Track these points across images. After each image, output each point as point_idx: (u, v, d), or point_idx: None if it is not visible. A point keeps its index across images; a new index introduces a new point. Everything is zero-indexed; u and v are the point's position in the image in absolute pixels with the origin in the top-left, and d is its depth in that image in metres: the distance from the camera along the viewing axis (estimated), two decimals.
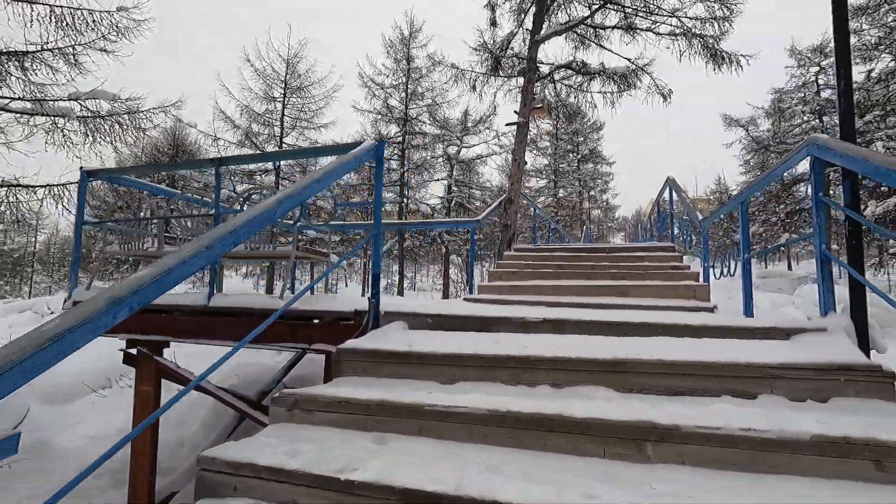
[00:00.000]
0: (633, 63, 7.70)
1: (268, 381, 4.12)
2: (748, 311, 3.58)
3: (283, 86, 12.10)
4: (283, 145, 11.96)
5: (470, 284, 5.80)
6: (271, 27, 11.07)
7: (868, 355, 2.17)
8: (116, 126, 5.76)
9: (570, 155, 26.45)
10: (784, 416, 1.56)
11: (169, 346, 3.80)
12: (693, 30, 6.56)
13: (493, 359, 2.15)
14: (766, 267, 20.04)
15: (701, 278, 5.00)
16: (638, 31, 7.02)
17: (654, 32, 6.94)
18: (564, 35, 8.21)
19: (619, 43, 7.51)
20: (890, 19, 13.02)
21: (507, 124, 6.63)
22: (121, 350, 3.67)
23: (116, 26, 5.70)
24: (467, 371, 2.18)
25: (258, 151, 11.43)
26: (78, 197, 3.61)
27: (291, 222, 3.61)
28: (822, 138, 2.35)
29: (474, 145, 16.81)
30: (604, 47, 7.74)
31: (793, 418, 1.53)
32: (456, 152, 16.73)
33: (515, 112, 6.91)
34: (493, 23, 8.11)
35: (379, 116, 15.24)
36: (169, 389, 3.83)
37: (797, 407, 1.71)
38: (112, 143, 5.88)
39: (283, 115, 12.17)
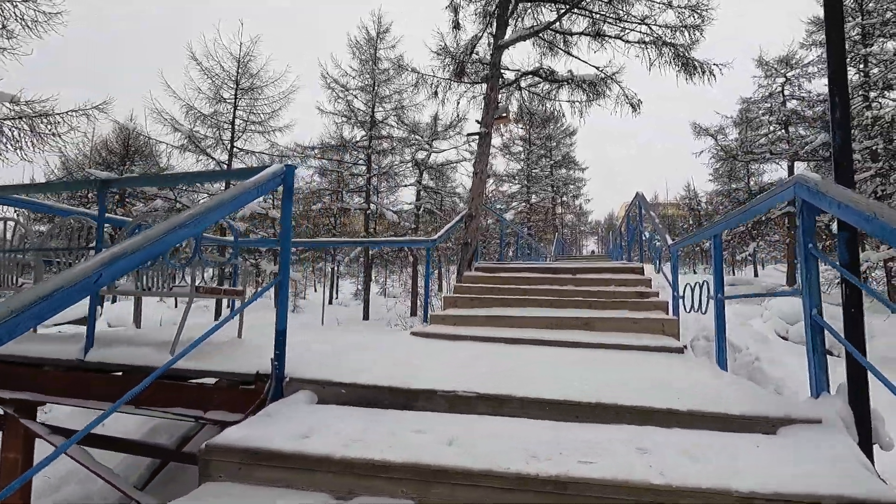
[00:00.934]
0: (601, 71, 7.35)
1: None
2: (721, 360, 3.18)
3: (234, 86, 11.31)
4: (235, 149, 11.18)
5: (425, 309, 5.29)
6: (220, 22, 10.28)
7: (871, 453, 1.77)
8: (23, 131, 5.01)
9: (544, 160, 26.28)
10: None
11: (45, 405, 3.17)
12: (664, 38, 6.22)
13: (401, 468, 1.64)
14: (732, 273, 20.24)
15: (670, 309, 4.62)
16: (606, 38, 6.66)
17: (623, 40, 6.59)
18: (531, 41, 7.80)
19: (587, 50, 7.16)
20: (854, 33, 13.16)
21: (468, 135, 6.14)
22: None
23: (22, 18, 4.96)
24: (370, 482, 1.67)
25: (204, 156, 10.68)
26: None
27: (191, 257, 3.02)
28: (811, 178, 1.93)
29: (444, 150, 16.35)
30: (571, 54, 7.36)
31: None
32: (425, 157, 16.23)
33: (477, 121, 6.45)
34: (457, 25, 7.64)
35: (344, 119, 14.59)
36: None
37: None
38: (18, 151, 5.11)
39: (234, 116, 11.37)
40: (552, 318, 4.43)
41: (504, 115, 6.60)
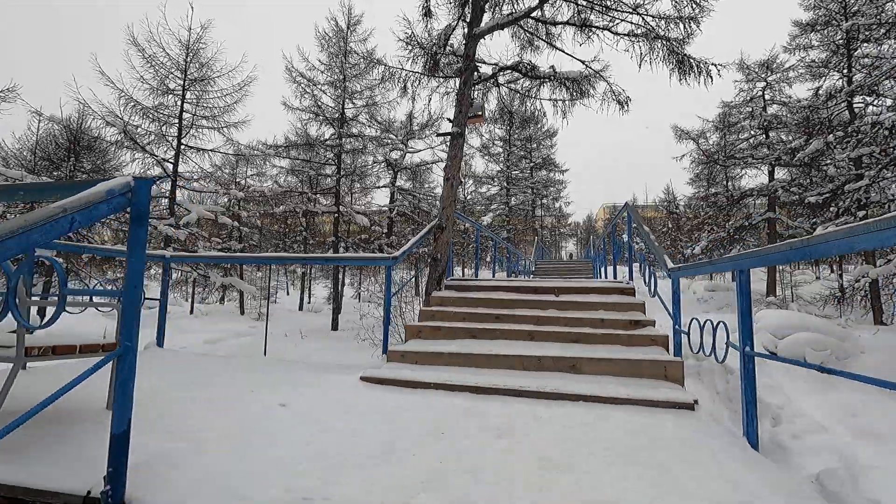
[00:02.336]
0: (588, 67, 6.65)
1: None
2: (751, 434, 2.46)
3: (181, 76, 10.20)
4: (183, 146, 10.10)
5: (384, 343, 4.48)
6: (166, 4, 9.08)
7: None
8: None
9: (524, 161, 25.69)
10: None
11: None
12: (657, 30, 5.55)
13: None
14: (710, 279, 19.96)
15: (671, 346, 3.93)
16: (593, 29, 5.95)
17: (612, 32, 5.89)
18: (510, 32, 7.05)
19: (572, 43, 6.44)
20: (838, 37, 12.85)
21: (438, 134, 5.35)
22: None
23: None
24: None
25: (142, 153, 9.55)
26: None
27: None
28: None
29: (420, 150, 15.52)
30: (555, 46, 6.64)
31: None
32: (400, 158, 15.37)
33: (449, 120, 5.66)
34: (428, 13, 6.83)
35: (312, 116, 13.60)
36: None
37: None
38: None
39: (181, 110, 10.25)
40: (531, 359, 3.67)
41: (479, 113, 5.83)
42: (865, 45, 12.44)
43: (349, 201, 17.22)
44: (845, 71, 12.85)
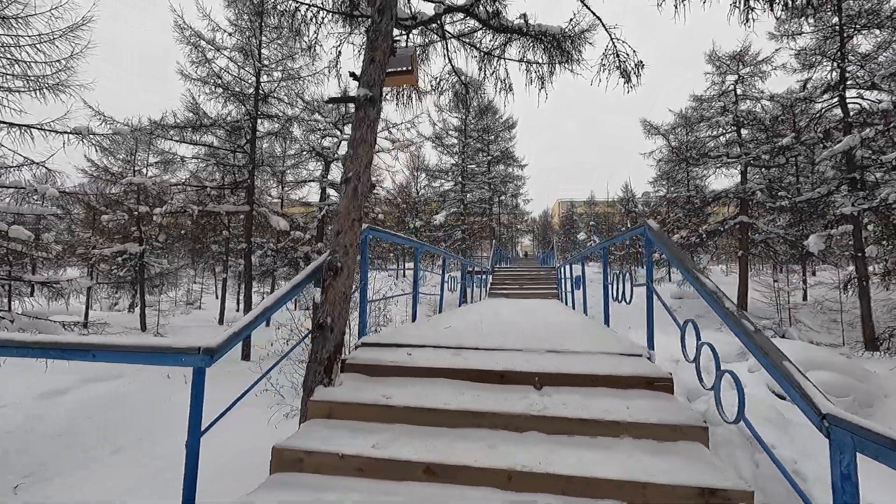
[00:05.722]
0: (573, 21, 4.41)
1: None
2: None
3: None
4: None
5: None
6: None
7: None
8: None
9: (480, 154, 23.53)
10: None
11: None
12: None
13: None
14: (679, 286, 18.66)
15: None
16: None
17: None
18: None
19: None
20: (834, 21, 11.38)
21: (330, 100, 2.92)
22: None
23: None
24: None
25: None
26: None
27: None
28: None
29: None
30: None
31: None
32: (333, 146, 12.71)
33: (353, 76, 3.23)
34: None
35: (220, 91, 10.69)
36: None
37: None
38: None
39: None
40: None
41: (408, 68, 3.45)
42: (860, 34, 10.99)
43: (280, 196, 14.39)
44: (838, 62, 11.39)
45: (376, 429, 2.59)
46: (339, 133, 12.67)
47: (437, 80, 5.16)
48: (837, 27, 11.25)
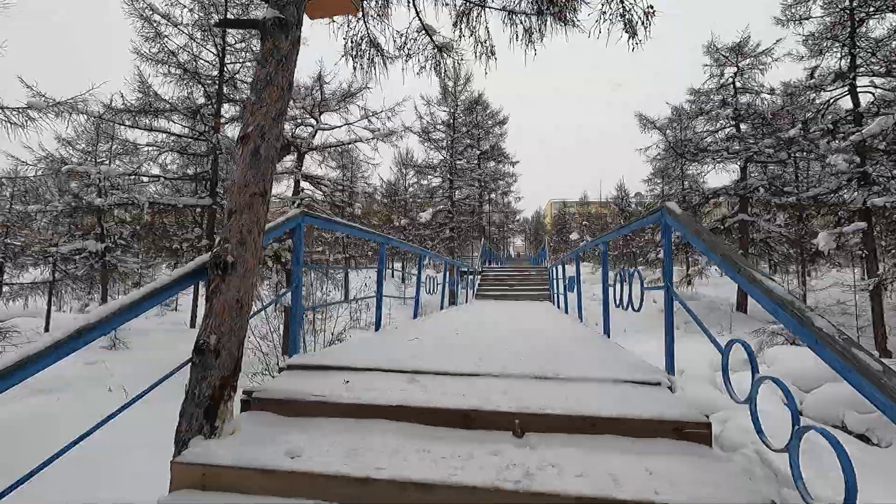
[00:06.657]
0: None
1: None
2: None
3: None
4: None
5: None
6: None
7: None
8: None
9: (470, 150, 22.63)
10: None
11: None
12: None
13: None
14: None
15: None
16: None
17: None
18: None
19: None
20: (845, 3, 10.62)
21: (218, 23, 1.99)
22: None
23: None
24: None
25: None
26: None
27: None
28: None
29: (336, 127, 11.98)
30: None
31: None
32: (309, 137, 11.75)
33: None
34: None
35: (179, 73, 9.69)
36: None
37: None
38: None
39: None
40: None
41: None
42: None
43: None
44: (848, 50, 10.63)
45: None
46: (315, 123, 11.71)
47: (404, 38, 4.25)
48: (848, 10, 10.50)
